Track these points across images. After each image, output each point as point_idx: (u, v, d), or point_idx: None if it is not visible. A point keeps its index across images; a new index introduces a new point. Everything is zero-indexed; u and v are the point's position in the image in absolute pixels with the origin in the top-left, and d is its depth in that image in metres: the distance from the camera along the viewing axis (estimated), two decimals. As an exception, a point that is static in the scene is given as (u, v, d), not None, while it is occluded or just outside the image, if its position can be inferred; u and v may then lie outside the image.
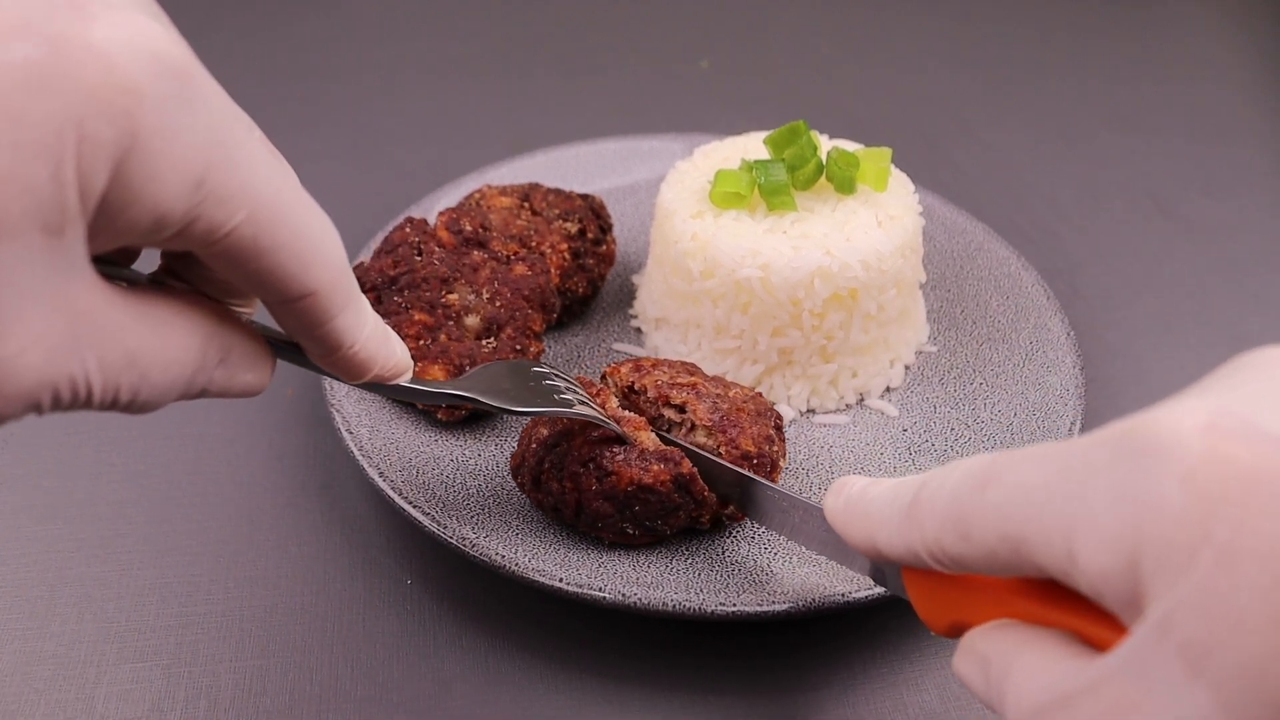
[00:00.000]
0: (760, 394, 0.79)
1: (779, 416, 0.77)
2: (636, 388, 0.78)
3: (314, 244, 0.43)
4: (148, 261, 0.47)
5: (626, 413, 0.74)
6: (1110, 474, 0.39)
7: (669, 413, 0.76)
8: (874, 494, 0.51)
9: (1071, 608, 0.43)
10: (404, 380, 0.56)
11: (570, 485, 0.71)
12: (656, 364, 0.80)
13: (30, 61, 0.34)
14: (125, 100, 0.35)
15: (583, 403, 0.71)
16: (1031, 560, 0.41)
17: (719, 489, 0.72)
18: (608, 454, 0.71)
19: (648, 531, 0.72)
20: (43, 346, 0.37)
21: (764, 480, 0.70)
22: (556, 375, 0.73)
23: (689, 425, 0.75)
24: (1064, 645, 0.43)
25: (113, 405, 0.41)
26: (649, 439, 0.72)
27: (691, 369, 0.80)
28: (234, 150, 0.39)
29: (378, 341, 0.51)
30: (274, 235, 0.41)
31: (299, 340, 0.48)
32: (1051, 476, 0.41)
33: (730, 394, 0.77)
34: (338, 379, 0.53)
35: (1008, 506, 0.42)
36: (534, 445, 0.74)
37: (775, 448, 0.75)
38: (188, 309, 0.44)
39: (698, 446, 0.75)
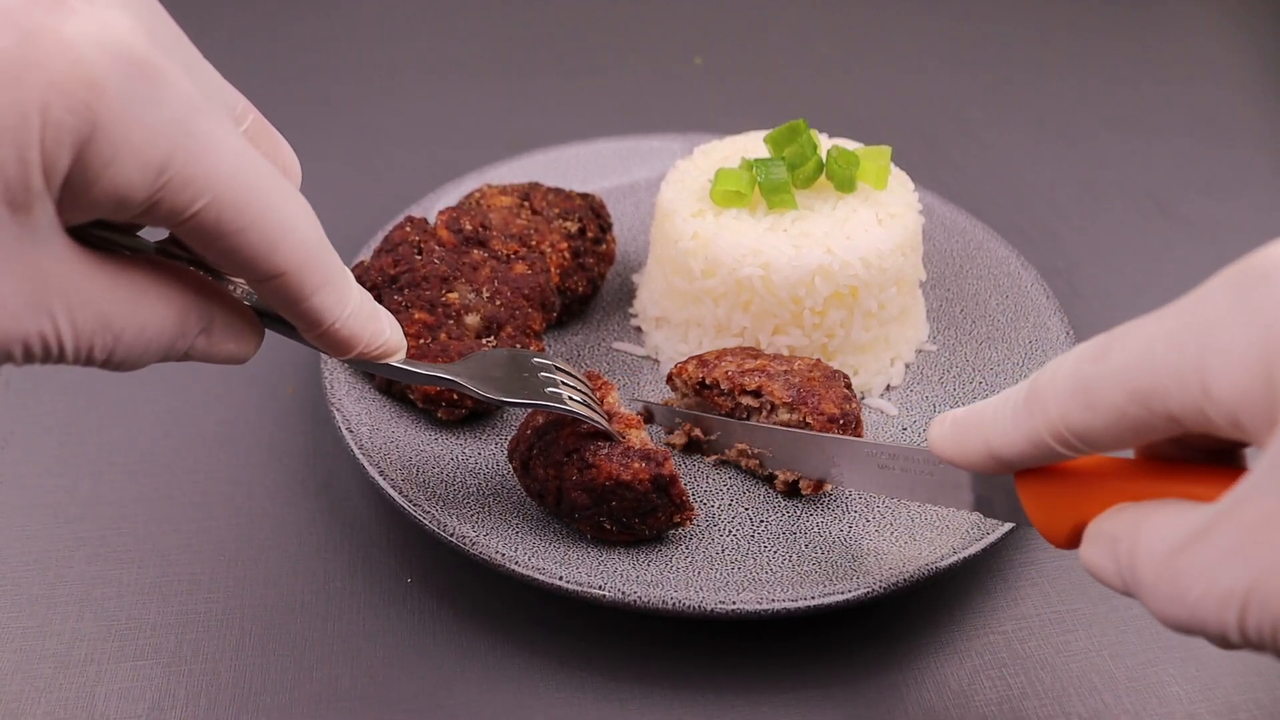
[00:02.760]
0: (820, 360, 0.79)
1: (846, 376, 0.78)
2: (708, 382, 0.79)
3: (282, 227, 0.46)
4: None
5: (624, 410, 0.75)
6: (1234, 304, 0.41)
7: (746, 400, 0.77)
8: (981, 405, 0.52)
9: (1185, 475, 0.45)
10: (395, 360, 0.58)
11: (553, 473, 0.72)
12: (720, 355, 0.81)
13: (2, 51, 0.38)
14: (87, 92, 0.39)
15: (576, 397, 0.72)
16: (1164, 409, 0.42)
17: (811, 466, 0.73)
18: (592, 448, 0.71)
19: (625, 529, 0.72)
20: (8, 307, 0.41)
21: (855, 439, 0.71)
22: (557, 368, 0.73)
23: (769, 406, 0.76)
24: (1187, 504, 0.44)
25: (89, 361, 0.45)
26: (639, 437, 0.73)
27: (754, 353, 0.81)
28: (199, 139, 0.42)
29: (362, 320, 0.53)
30: (239, 218, 0.44)
31: (282, 315, 0.51)
32: (1173, 324, 0.43)
33: (795, 366, 0.78)
34: (326, 353, 0.55)
35: (1134, 362, 0.43)
36: (529, 431, 0.74)
37: (853, 405, 0.77)
38: (168, 279, 0.47)
39: (782, 425, 0.76)
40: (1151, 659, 0.73)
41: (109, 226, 0.47)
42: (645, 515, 0.71)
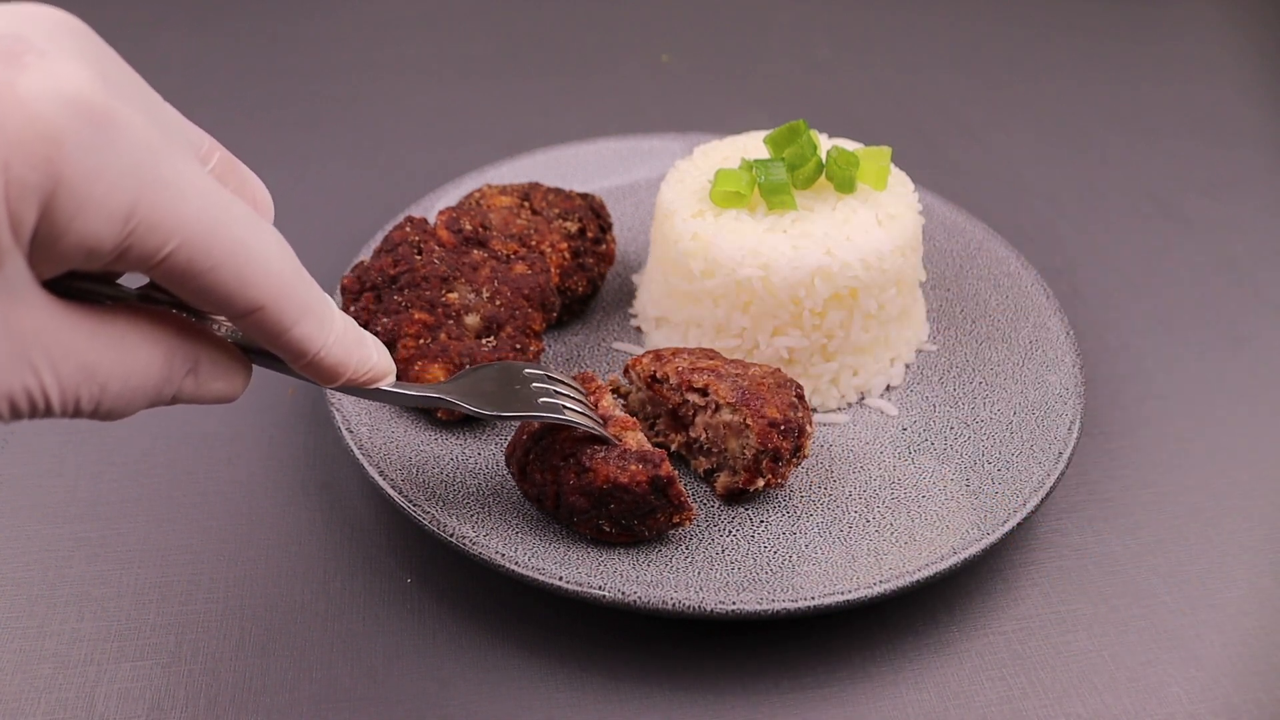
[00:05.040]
0: (779, 369, 0.80)
1: (799, 386, 0.78)
2: (659, 376, 0.79)
3: (254, 262, 0.46)
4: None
5: (620, 413, 0.75)
6: None
7: (693, 397, 0.77)
8: None
9: None
10: (385, 384, 0.58)
11: (551, 477, 0.72)
12: (676, 352, 0.81)
13: None
14: (47, 148, 0.39)
15: (570, 404, 0.72)
16: None
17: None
18: (588, 451, 0.71)
19: (625, 531, 0.72)
20: None
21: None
22: (549, 377, 0.73)
23: (714, 406, 0.76)
24: None
25: (77, 413, 0.45)
26: (635, 439, 0.73)
27: (710, 354, 0.81)
28: (163, 183, 0.42)
29: (347, 346, 0.53)
30: (209, 257, 0.44)
31: (266, 349, 0.51)
32: None
33: (750, 372, 0.78)
34: (314, 382, 0.55)
35: None
36: (524, 436, 0.74)
37: (801, 414, 0.76)
38: (150, 324, 0.47)
39: (723, 425, 0.76)
40: (1151, 659, 0.73)
41: (87, 277, 0.47)
42: (644, 516, 0.71)
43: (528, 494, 0.74)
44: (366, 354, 0.55)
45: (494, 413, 0.68)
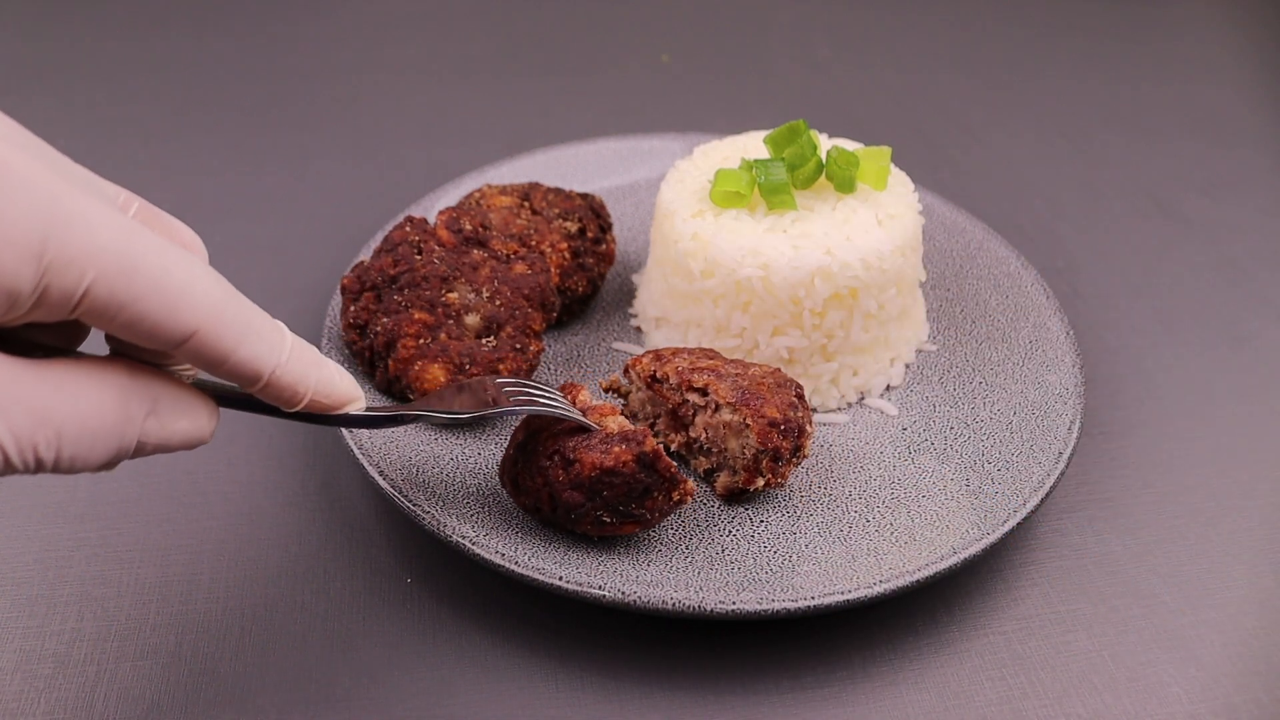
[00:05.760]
0: (779, 369, 0.79)
1: (799, 386, 0.78)
2: (659, 376, 0.79)
3: (179, 288, 0.46)
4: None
5: (598, 402, 0.75)
6: None
7: (693, 396, 0.77)
8: None
9: None
10: (354, 410, 0.57)
11: (541, 480, 0.71)
12: (676, 352, 0.81)
13: None
14: None
15: (544, 399, 0.71)
16: None
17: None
18: (571, 444, 0.70)
19: (627, 518, 0.71)
20: None
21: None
22: (518, 382, 0.73)
23: (714, 406, 0.76)
24: None
25: (38, 465, 0.45)
26: (616, 423, 0.72)
27: (710, 354, 0.81)
28: (71, 219, 0.43)
29: (304, 366, 0.53)
30: (131, 287, 0.44)
31: (219, 377, 0.50)
32: None
33: (750, 371, 0.78)
34: (286, 416, 0.55)
35: None
36: (511, 450, 0.74)
37: (800, 414, 0.76)
38: (98, 366, 0.47)
39: (723, 425, 0.76)
40: (1151, 659, 0.73)
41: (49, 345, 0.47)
42: (640, 498, 0.70)
43: (525, 506, 0.74)
44: (328, 375, 0.55)
45: (471, 414, 0.68)
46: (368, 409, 0.59)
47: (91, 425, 0.46)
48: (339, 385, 0.56)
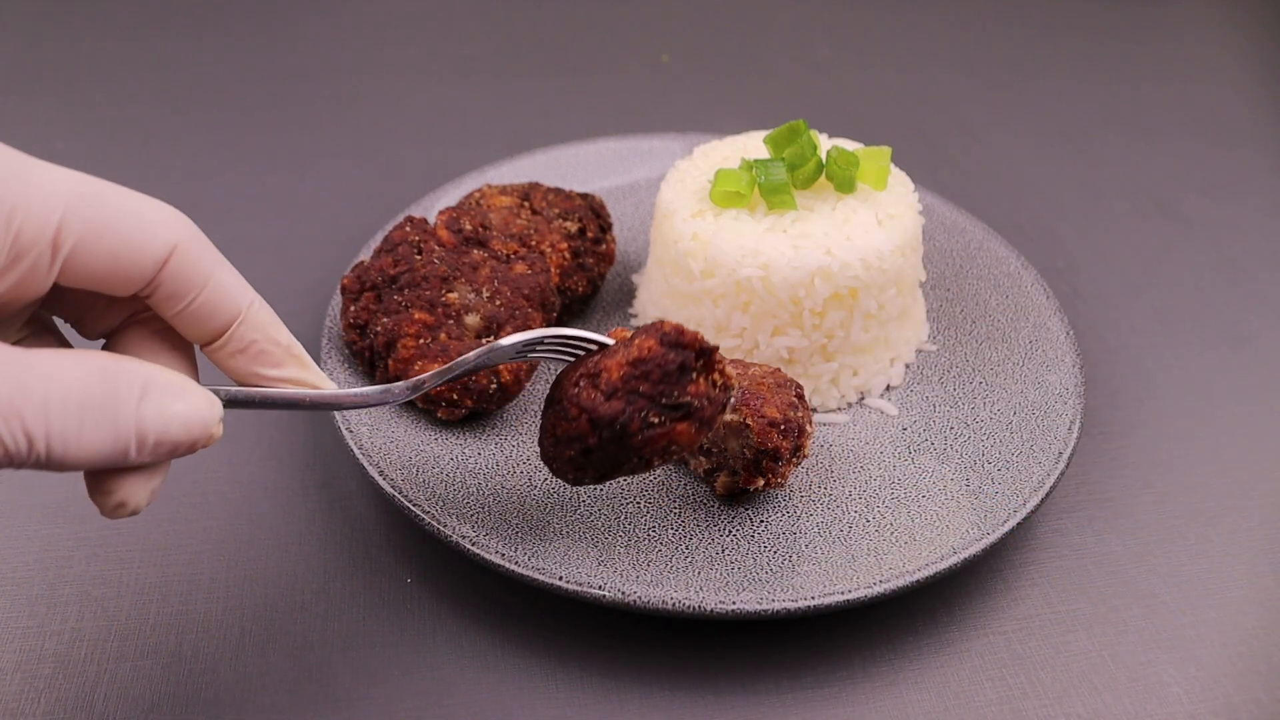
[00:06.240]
0: (779, 369, 0.79)
1: (799, 386, 0.78)
2: None
3: (150, 209, 0.48)
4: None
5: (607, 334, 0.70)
6: None
7: None
8: None
9: None
10: (329, 390, 0.57)
11: (575, 410, 0.64)
12: None
13: None
14: None
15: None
16: None
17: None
18: (591, 361, 0.65)
19: (675, 411, 0.64)
20: None
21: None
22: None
23: None
24: None
25: (30, 448, 0.44)
26: (623, 334, 0.68)
27: None
28: (25, 169, 0.45)
29: (268, 311, 0.54)
30: (102, 212, 0.46)
31: (202, 318, 0.51)
32: None
33: (750, 371, 0.78)
34: (276, 404, 0.55)
35: None
36: (544, 437, 0.68)
37: (800, 413, 0.76)
38: (81, 351, 0.47)
39: (723, 425, 0.75)
40: (1151, 659, 0.73)
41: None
42: (680, 381, 0.63)
43: (573, 461, 0.66)
44: (287, 335, 0.56)
45: (467, 366, 0.64)
46: (365, 389, 0.59)
47: (76, 395, 0.44)
48: (291, 343, 0.56)
